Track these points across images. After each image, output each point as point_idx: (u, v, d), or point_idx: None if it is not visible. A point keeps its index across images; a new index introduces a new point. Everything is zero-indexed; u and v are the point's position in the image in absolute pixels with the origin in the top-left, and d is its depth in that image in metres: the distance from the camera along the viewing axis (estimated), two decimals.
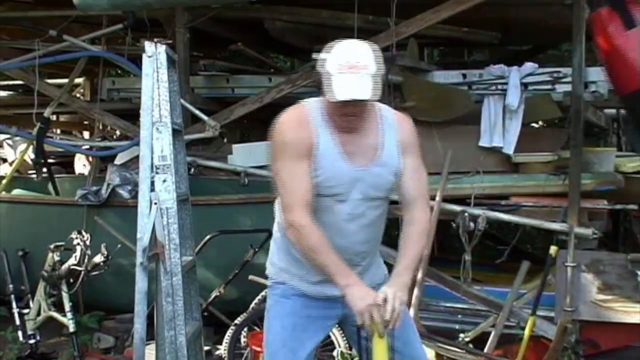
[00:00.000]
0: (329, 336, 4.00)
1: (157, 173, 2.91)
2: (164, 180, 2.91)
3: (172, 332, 2.85)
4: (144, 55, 2.96)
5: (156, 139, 2.89)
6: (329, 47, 2.35)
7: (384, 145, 2.34)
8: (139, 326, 2.83)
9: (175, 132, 3.04)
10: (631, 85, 3.58)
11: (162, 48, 2.93)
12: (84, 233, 4.10)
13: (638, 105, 3.66)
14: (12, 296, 4.54)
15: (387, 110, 2.43)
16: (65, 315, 4.21)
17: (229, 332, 3.96)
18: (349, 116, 2.27)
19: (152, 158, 2.92)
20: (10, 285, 4.60)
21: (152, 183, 2.95)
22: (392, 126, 2.38)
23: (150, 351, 3.86)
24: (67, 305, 4.20)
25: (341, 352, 3.99)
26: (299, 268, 2.38)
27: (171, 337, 2.85)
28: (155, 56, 2.92)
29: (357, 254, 2.37)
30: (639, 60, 3.52)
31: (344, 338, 3.99)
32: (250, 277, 4.05)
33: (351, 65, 2.24)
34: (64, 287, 4.22)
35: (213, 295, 4.32)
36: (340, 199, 2.30)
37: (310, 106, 2.43)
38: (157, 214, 2.88)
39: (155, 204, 2.89)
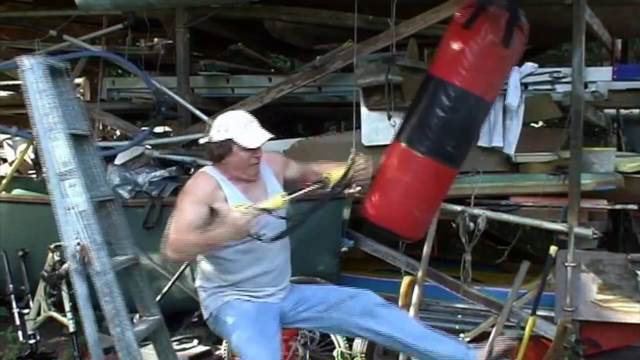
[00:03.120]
0: (329, 336, 4.01)
1: (63, 179, 2.93)
2: (73, 185, 2.94)
3: (119, 328, 2.93)
4: (19, 71, 3.05)
5: (54, 147, 2.91)
6: (216, 124, 2.97)
7: (267, 182, 3.03)
8: (89, 330, 2.92)
9: (79, 137, 3.06)
10: (430, 66, 3.76)
11: (36, 60, 2.98)
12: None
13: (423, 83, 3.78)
14: (12, 296, 4.54)
15: None
16: (65, 315, 4.21)
17: None
18: (255, 164, 2.94)
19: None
20: (10, 285, 4.60)
21: None
22: (264, 164, 3.03)
23: (148, 351, 3.88)
24: (67, 305, 4.21)
25: (341, 352, 4.00)
26: (246, 288, 2.96)
27: (118, 334, 2.93)
28: (31, 69, 2.97)
29: (280, 272, 3.03)
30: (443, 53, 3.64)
31: (344, 338, 4.00)
32: None
33: (246, 122, 2.94)
34: (64, 287, 4.22)
35: None
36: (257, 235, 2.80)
37: (212, 172, 2.98)
38: (75, 219, 2.91)
39: (71, 209, 2.92)
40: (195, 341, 4.21)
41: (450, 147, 3.58)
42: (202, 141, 3.08)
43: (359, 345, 4.02)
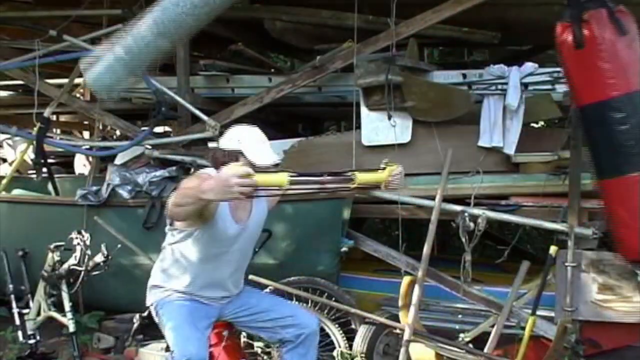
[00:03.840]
0: (329, 336, 4.01)
1: None
2: None
3: None
4: None
5: None
6: (230, 134, 3.14)
7: (254, 207, 3.17)
8: None
9: None
10: (576, 102, 3.69)
11: None
12: (84, 233, 4.10)
13: (581, 119, 3.73)
14: (12, 296, 4.54)
15: None
16: (65, 315, 4.21)
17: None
18: None
19: None
20: (10, 285, 4.60)
21: None
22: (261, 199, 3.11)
23: (149, 351, 3.89)
24: (67, 305, 4.20)
25: (341, 352, 3.99)
26: (194, 285, 3.14)
27: None
28: None
29: (231, 283, 3.24)
30: (580, 82, 3.58)
31: (344, 338, 4.00)
32: (250, 276, 4.06)
33: (260, 140, 3.10)
34: (64, 287, 4.22)
35: None
36: (226, 249, 3.10)
37: (212, 176, 2.95)
38: None
39: None
40: None
41: None
42: (211, 145, 3.12)
43: (358, 345, 4.02)
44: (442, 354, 3.81)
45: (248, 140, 3.09)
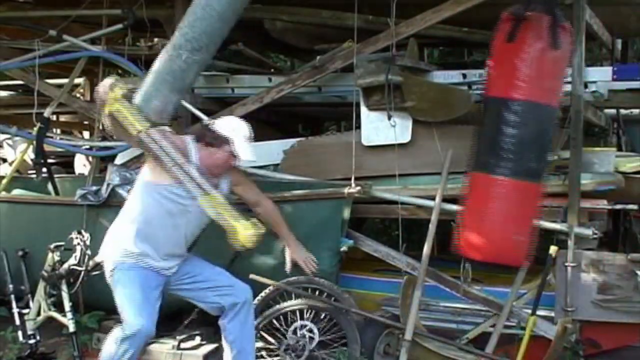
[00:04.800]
0: (328, 336, 4.02)
1: None
2: None
3: None
4: None
5: None
6: (226, 121, 3.62)
7: (221, 183, 3.56)
8: None
9: None
10: (485, 90, 3.76)
11: None
12: (84, 233, 4.11)
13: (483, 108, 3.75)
14: (12, 296, 4.54)
15: None
16: (65, 315, 4.21)
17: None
18: (224, 169, 3.53)
19: None
20: (10, 285, 4.60)
21: None
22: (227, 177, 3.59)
23: (159, 349, 3.90)
24: (67, 305, 4.20)
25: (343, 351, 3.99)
26: (151, 249, 3.44)
27: None
28: None
29: (180, 246, 3.56)
30: (496, 73, 3.60)
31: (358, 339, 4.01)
32: (251, 275, 4.06)
33: (249, 137, 3.52)
34: (64, 287, 4.22)
35: None
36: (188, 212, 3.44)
37: (189, 143, 3.50)
38: None
39: None
40: (198, 338, 4.21)
41: (531, 162, 3.52)
42: (206, 120, 3.49)
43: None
44: (442, 353, 3.81)
45: (241, 133, 3.52)
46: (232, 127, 3.54)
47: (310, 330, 4.10)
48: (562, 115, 4.54)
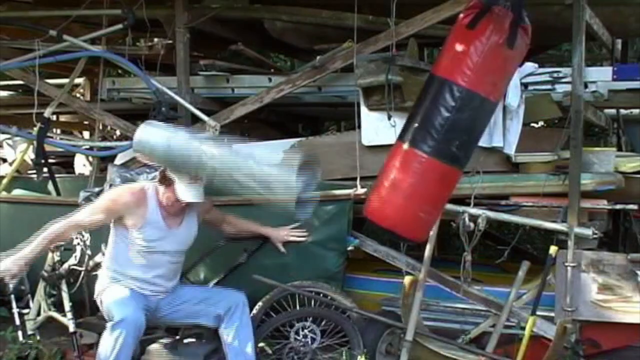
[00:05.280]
0: (328, 336, 4.02)
1: None
2: None
3: None
4: None
5: None
6: None
7: (186, 218, 3.79)
8: None
9: None
10: (433, 67, 3.70)
11: None
12: (84, 233, 4.11)
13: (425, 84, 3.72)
14: (12, 296, 4.54)
15: None
16: (65, 315, 4.21)
17: None
18: (180, 207, 3.69)
19: None
20: (10, 285, 4.60)
21: None
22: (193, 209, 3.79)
23: (158, 350, 3.91)
24: (67, 305, 4.20)
25: (346, 352, 3.99)
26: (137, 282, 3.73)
27: None
28: None
29: (167, 279, 3.81)
30: (447, 54, 3.59)
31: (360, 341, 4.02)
32: (255, 276, 4.06)
33: (195, 178, 3.57)
34: (64, 287, 4.22)
35: None
36: (158, 249, 3.70)
37: (150, 190, 3.74)
38: None
39: None
40: (198, 338, 4.21)
41: (455, 148, 3.54)
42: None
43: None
44: (443, 353, 3.82)
45: (185, 175, 3.64)
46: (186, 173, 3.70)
47: (313, 332, 4.10)
48: (562, 115, 4.56)
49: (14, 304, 4.50)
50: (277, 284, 4.12)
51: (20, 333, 4.36)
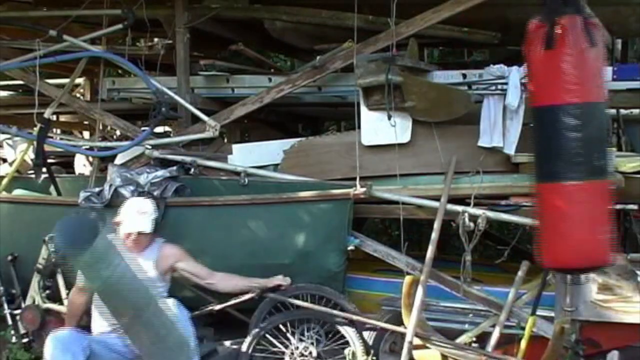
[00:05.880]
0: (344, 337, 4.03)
1: None
2: None
3: None
4: None
5: None
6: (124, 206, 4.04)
7: (144, 260, 3.91)
8: None
9: None
10: (531, 101, 3.65)
11: None
12: None
13: (533, 119, 3.69)
14: (3, 298, 4.59)
15: (159, 240, 4.07)
16: (62, 304, 4.24)
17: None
18: (132, 242, 3.90)
19: None
20: (1, 288, 4.64)
21: None
22: (155, 248, 4.00)
23: None
24: (63, 293, 4.26)
25: (352, 352, 3.99)
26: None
27: None
28: None
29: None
30: (541, 82, 3.57)
31: (359, 337, 4.01)
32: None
33: (139, 211, 3.94)
34: (60, 276, 4.24)
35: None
36: None
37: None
38: None
39: None
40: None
41: (597, 161, 3.53)
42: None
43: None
44: (444, 353, 3.81)
45: (127, 210, 3.96)
46: (122, 209, 3.99)
47: (317, 333, 4.10)
48: None
49: (5, 306, 4.52)
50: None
51: (12, 332, 4.38)
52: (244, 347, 4.08)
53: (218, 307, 4.22)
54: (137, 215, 3.94)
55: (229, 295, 4.18)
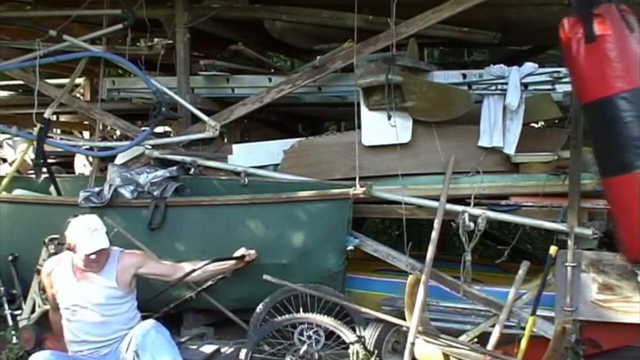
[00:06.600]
0: (339, 337, 4.02)
1: None
2: None
3: None
4: None
5: None
6: (70, 228, 3.76)
7: (102, 277, 3.74)
8: None
9: None
10: (582, 98, 3.64)
11: None
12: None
13: (588, 116, 3.69)
14: (4, 299, 4.59)
15: (115, 252, 3.85)
16: None
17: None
18: (93, 262, 3.68)
19: None
20: (2, 288, 4.64)
21: None
22: (115, 259, 3.80)
23: None
24: None
25: (357, 351, 3.99)
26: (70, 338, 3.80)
27: None
28: None
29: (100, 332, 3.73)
30: (590, 77, 3.56)
31: (353, 332, 4.01)
32: (265, 276, 4.06)
33: (90, 229, 3.67)
34: None
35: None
36: (77, 309, 3.71)
37: (63, 258, 3.85)
38: None
39: None
40: (199, 339, 4.22)
41: None
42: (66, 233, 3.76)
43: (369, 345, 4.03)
44: (447, 352, 3.81)
45: (77, 232, 3.70)
46: (71, 230, 3.73)
47: (317, 333, 4.09)
48: (562, 115, 4.56)
49: (5, 307, 4.52)
50: (284, 282, 4.11)
51: (12, 333, 4.38)
52: (241, 356, 4.06)
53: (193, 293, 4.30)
54: (89, 234, 3.67)
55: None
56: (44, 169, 5.26)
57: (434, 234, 4.14)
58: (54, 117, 7.08)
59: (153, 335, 3.60)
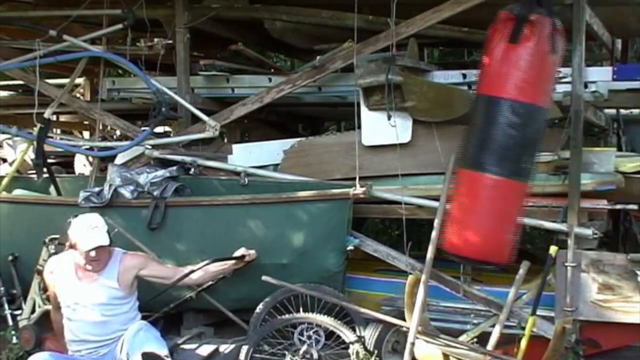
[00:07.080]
0: (339, 337, 4.02)
1: None
2: None
3: None
4: None
5: None
6: (71, 226, 3.78)
7: (103, 276, 3.76)
8: None
9: None
10: (480, 88, 3.72)
11: None
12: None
13: (476, 106, 3.74)
14: (4, 299, 4.59)
15: (118, 252, 3.87)
16: None
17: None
18: (92, 261, 3.69)
19: None
20: (2, 288, 4.64)
21: None
22: (117, 260, 3.82)
23: None
24: None
25: (357, 351, 3.99)
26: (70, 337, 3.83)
27: None
28: None
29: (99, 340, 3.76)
30: (495, 73, 3.58)
31: (353, 331, 4.00)
32: (264, 277, 4.06)
33: (90, 226, 3.70)
34: None
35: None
36: (77, 307, 3.74)
37: (65, 257, 3.87)
38: None
39: None
40: (198, 339, 4.22)
41: (524, 163, 3.53)
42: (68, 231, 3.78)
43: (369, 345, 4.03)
44: (447, 353, 3.81)
45: (78, 230, 3.72)
46: (72, 228, 3.75)
47: (317, 333, 4.10)
48: (562, 115, 4.55)
49: (5, 307, 4.52)
50: (283, 283, 4.11)
51: (13, 333, 4.38)
52: (241, 355, 4.05)
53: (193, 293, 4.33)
54: (89, 231, 3.69)
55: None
56: (44, 169, 5.26)
57: (434, 234, 4.14)
58: (54, 117, 7.08)
59: (142, 334, 3.66)
